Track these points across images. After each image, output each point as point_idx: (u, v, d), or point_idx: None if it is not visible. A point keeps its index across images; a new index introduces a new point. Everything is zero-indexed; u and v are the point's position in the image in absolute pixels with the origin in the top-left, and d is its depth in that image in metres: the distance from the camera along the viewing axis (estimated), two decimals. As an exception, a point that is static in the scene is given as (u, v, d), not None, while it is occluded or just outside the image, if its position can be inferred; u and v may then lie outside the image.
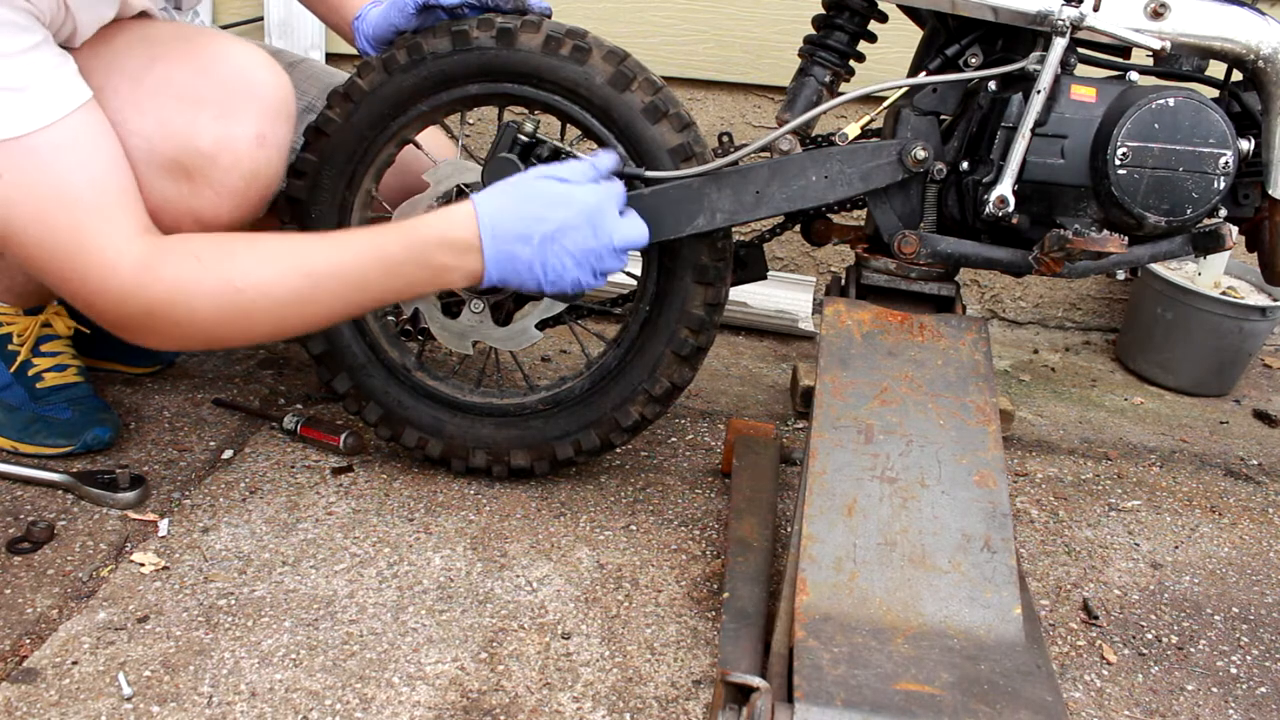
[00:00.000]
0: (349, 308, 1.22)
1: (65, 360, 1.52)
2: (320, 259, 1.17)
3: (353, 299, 1.20)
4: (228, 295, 1.14)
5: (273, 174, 1.30)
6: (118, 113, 1.19)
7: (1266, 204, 1.33)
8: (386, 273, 1.18)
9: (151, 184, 1.21)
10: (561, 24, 1.36)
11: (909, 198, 1.35)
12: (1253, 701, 1.28)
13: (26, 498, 1.39)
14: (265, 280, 1.15)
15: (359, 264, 1.18)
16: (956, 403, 1.21)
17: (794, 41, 1.42)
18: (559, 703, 1.14)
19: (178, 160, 1.21)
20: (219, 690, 1.10)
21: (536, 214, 1.17)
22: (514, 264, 1.18)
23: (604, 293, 1.98)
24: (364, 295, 1.20)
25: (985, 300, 2.44)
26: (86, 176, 1.12)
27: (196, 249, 1.15)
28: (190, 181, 1.23)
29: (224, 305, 1.14)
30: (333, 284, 1.17)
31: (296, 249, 1.18)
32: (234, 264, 1.15)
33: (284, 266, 1.16)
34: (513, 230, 1.17)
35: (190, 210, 1.24)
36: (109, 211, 1.13)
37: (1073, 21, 1.22)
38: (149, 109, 1.21)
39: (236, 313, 1.15)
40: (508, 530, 1.43)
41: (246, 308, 1.15)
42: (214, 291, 1.14)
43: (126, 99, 1.20)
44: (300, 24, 2.14)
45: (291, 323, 1.20)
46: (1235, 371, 2.19)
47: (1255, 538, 1.65)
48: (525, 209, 1.18)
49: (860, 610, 1.06)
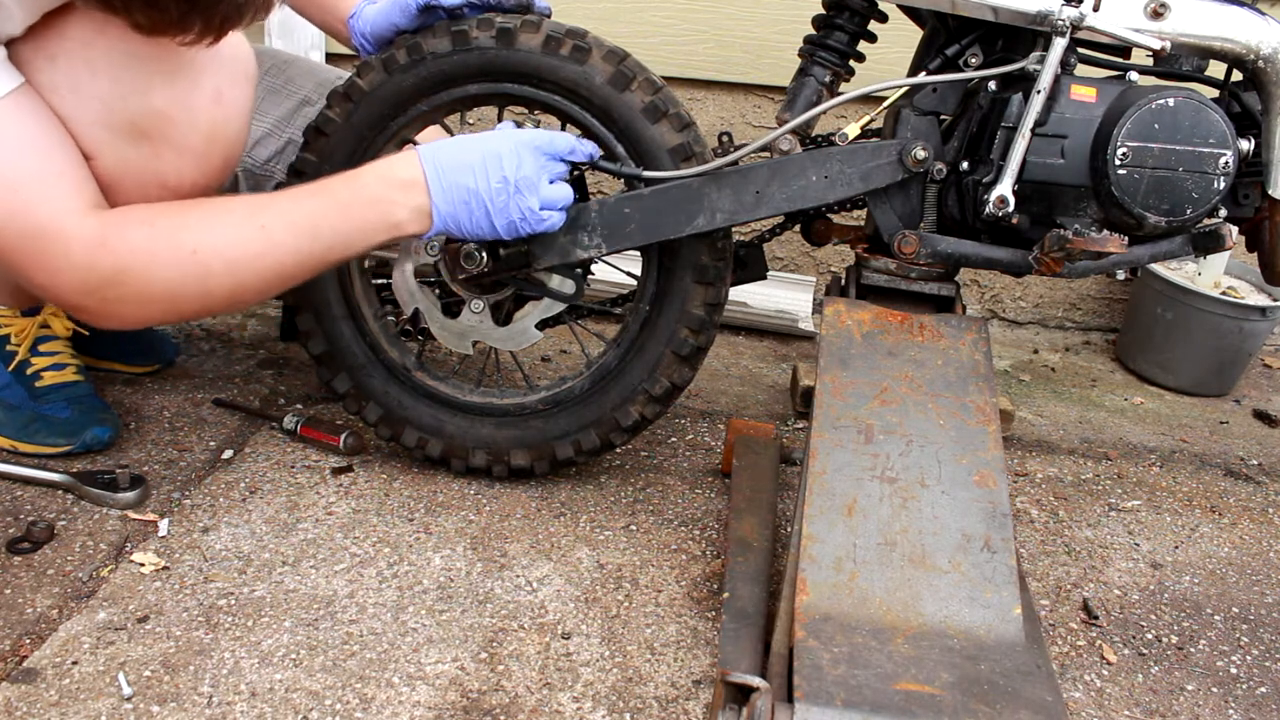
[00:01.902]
0: (306, 260, 1.20)
1: (64, 359, 1.52)
2: (271, 211, 1.17)
3: (306, 249, 1.19)
4: (183, 258, 1.14)
5: (232, 134, 1.28)
6: (70, 76, 1.17)
7: (1266, 204, 1.33)
8: (337, 215, 1.19)
9: (113, 148, 1.20)
10: (561, 24, 1.36)
11: (909, 198, 1.35)
12: (1253, 701, 1.28)
13: (26, 498, 1.39)
14: (219, 241, 1.15)
15: (309, 210, 1.18)
16: (956, 403, 1.21)
17: (794, 41, 1.42)
18: (559, 703, 1.14)
19: (133, 122, 1.20)
20: (219, 690, 1.10)
21: (476, 149, 1.21)
22: (462, 195, 1.21)
23: (604, 293, 1.99)
24: (317, 244, 1.19)
25: (985, 300, 2.45)
26: (26, 161, 1.11)
27: (148, 216, 1.15)
28: (150, 142, 1.21)
29: (181, 270, 1.14)
30: (286, 236, 1.17)
31: (248, 204, 1.19)
32: (186, 227, 1.15)
33: (236, 221, 1.16)
34: (456, 162, 1.20)
35: (155, 174, 1.23)
36: (54, 192, 1.12)
37: (1073, 21, 1.22)
38: (102, 70, 1.18)
39: (194, 277, 1.15)
40: (508, 530, 1.43)
41: (202, 271, 1.15)
42: (170, 258, 1.14)
43: (79, 61, 1.18)
44: (300, 24, 2.14)
45: (250, 283, 1.19)
46: (1235, 371, 2.19)
47: (1255, 538, 1.65)
48: (465, 146, 1.22)
49: (860, 610, 1.06)
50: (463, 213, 1.22)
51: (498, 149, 1.21)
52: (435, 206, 1.20)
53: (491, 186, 1.21)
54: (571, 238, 1.33)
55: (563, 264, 1.35)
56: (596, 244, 1.34)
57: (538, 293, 1.39)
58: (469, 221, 1.22)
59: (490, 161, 1.21)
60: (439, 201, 1.20)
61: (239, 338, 1.92)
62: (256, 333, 1.95)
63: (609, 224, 1.33)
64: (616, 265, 1.58)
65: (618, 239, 1.34)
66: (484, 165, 1.21)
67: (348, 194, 1.20)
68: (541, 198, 1.23)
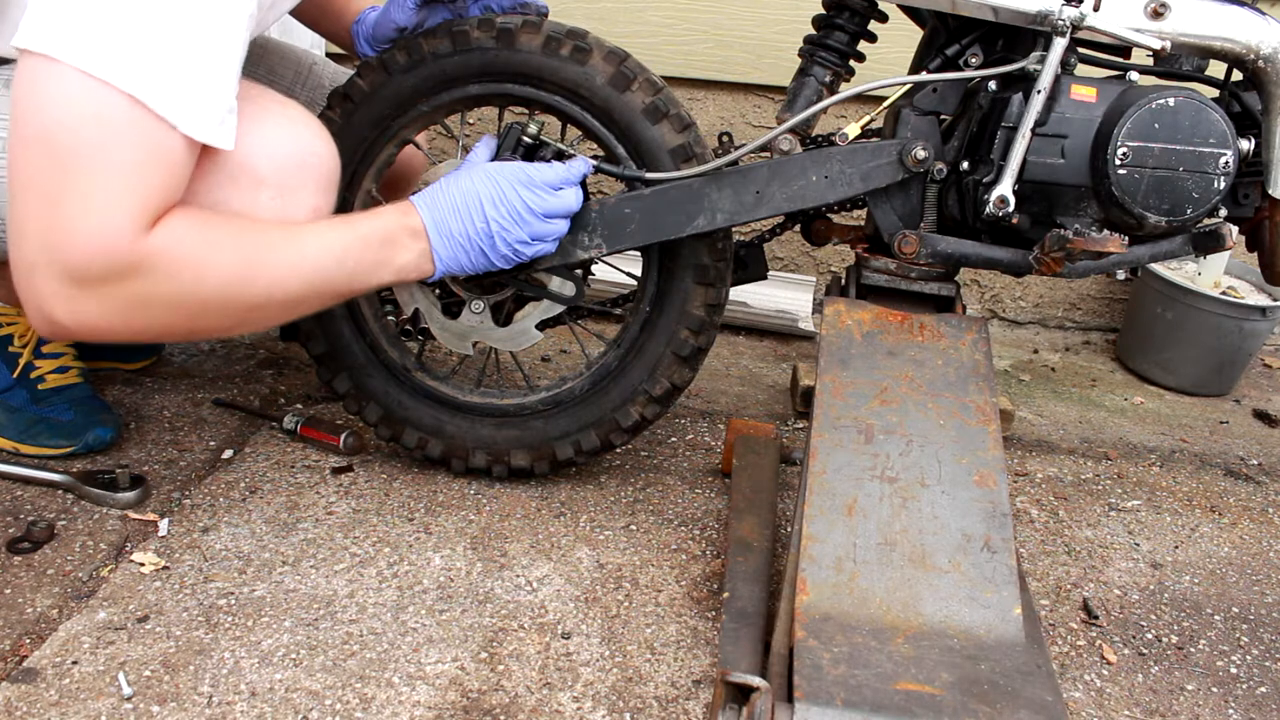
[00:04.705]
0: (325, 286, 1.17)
1: (67, 361, 1.52)
2: (307, 232, 1.16)
3: (331, 275, 1.16)
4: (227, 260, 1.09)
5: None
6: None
7: (1267, 204, 1.33)
8: (360, 247, 1.18)
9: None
10: (562, 24, 1.36)
11: (909, 198, 1.35)
12: (1253, 701, 1.28)
13: (26, 497, 1.39)
14: (264, 248, 1.12)
15: (338, 237, 1.17)
16: (956, 402, 1.21)
17: (794, 41, 1.42)
18: (559, 702, 1.14)
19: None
20: (219, 690, 1.10)
21: (462, 192, 1.24)
22: (459, 240, 1.23)
23: (604, 293, 1.99)
24: (340, 272, 1.17)
25: (985, 300, 2.44)
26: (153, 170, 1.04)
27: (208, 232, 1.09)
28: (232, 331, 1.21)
29: (224, 272, 1.09)
30: (320, 258, 1.15)
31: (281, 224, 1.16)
32: (238, 232, 1.11)
33: (277, 238, 1.13)
34: (449, 208, 1.23)
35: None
36: (146, 188, 1.04)
37: (1073, 21, 1.22)
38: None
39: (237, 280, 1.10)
40: (508, 530, 1.43)
41: (247, 275, 1.10)
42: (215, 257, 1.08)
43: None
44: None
45: (277, 299, 1.14)
46: (1235, 371, 2.19)
47: (1255, 538, 1.65)
48: (454, 190, 1.24)
49: (860, 610, 1.06)
50: (461, 254, 1.24)
51: (477, 191, 1.23)
52: (436, 253, 1.23)
53: (481, 228, 1.23)
54: (572, 238, 1.33)
55: (563, 264, 1.35)
56: (597, 244, 1.34)
57: (538, 294, 1.40)
58: (469, 261, 1.25)
59: (472, 205, 1.23)
60: (439, 248, 1.23)
61: (239, 338, 1.92)
62: (256, 333, 1.96)
63: (609, 224, 1.33)
64: (617, 266, 1.58)
65: (618, 239, 1.34)
66: (468, 209, 1.23)
67: (367, 228, 1.19)
68: (532, 232, 1.25)
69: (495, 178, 1.24)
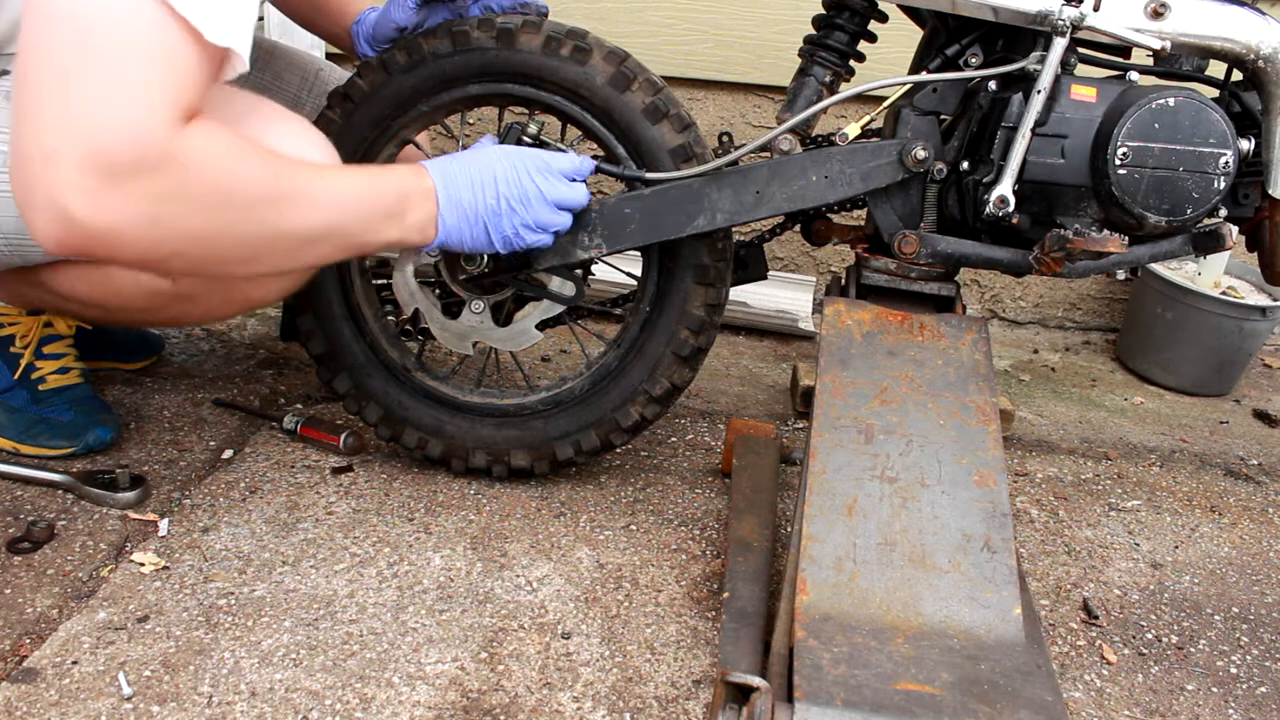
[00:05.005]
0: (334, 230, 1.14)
1: (68, 362, 1.52)
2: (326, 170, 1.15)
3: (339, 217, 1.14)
4: (254, 172, 1.06)
5: None
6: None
7: (1267, 204, 1.33)
8: (374, 195, 1.17)
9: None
10: (562, 24, 1.36)
11: (909, 198, 1.35)
12: (1253, 701, 1.28)
13: (26, 497, 1.39)
14: (292, 170, 1.10)
15: (353, 181, 1.17)
16: (956, 403, 1.21)
17: (794, 41, 1.42)
18: (559, 703, 1.14)
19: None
20: (219, 690, 1.10)
21: (478, 166, 1.24)
22: (465, 211, 1.22)
23: (604, 293, 1.99)
24: (347, 215, 1.14)
25: (985, 300, 2.45)
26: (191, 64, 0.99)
27: (238, 143, 1.05)
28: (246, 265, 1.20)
29: (251, 183, 1.05)
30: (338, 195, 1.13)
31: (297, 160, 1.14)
32: (267, 153, 1.08)
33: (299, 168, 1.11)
34: (462, 178, 1.22)
35: (242, 291, 1.28)
36: (179, 83, 0.99)
37: (1073, 21, 1.22)
38: None
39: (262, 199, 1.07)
40: (508, 530, 1.43)
41: (275, 194, 1.07)
42: (243, 165, 1.05)
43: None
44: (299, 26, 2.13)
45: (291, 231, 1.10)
46: (1235, 371, 2.19)
47: (1255, 538, 1.65)
48: (469, 162, 1.24)
49: (860, 610, 1.06)
50: (465, 227, 1.23)
51: (494, 167, 1.23)
52: (442, 219, 1.22)
53: (491, 204, 1.23)
54: (572, 238, 1.33)
55: (563, 264, 1.35)
56: (597, 244, 1.34)
57: (538, 294, 1.40)
58: (470, 236, 1.24)
59: (486, 179, 1.23)
60: (446, 215, 1.22)
61: (239, 338, 1.93)
62: (256, 333, 1.96)
63: (609, 224, 1.33)
64: (617, 266, 1.58)
65: (618, 239, 1.34)
66: (482, 183, 1.22)
67: (384, 180, 1.19)
68: (537, 219, 1.25)
69: (513, 158, 1.24)
